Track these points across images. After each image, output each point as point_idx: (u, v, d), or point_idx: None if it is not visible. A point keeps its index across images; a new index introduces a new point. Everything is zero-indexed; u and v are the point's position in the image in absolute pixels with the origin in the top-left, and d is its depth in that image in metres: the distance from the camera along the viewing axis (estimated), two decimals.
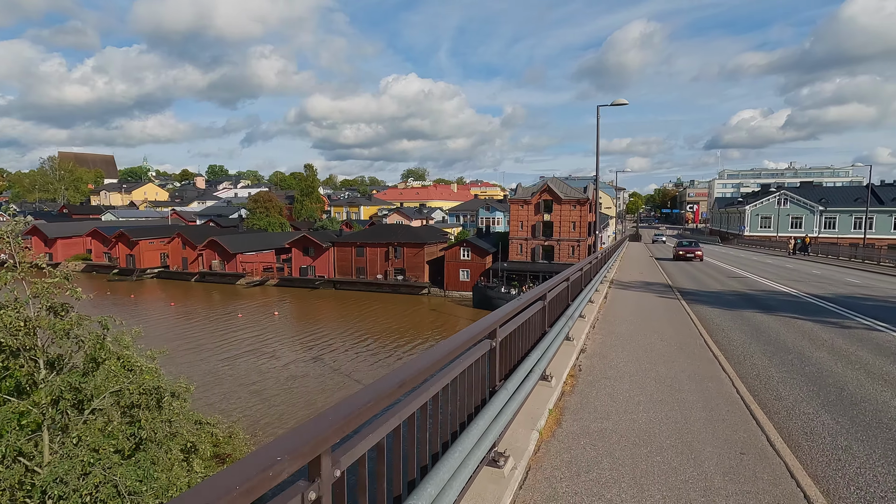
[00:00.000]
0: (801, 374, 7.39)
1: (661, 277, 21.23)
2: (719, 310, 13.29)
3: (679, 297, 14.64)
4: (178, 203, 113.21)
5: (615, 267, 24.89)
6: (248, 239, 71.04)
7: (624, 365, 7.35)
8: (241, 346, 38.39)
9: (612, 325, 10.53)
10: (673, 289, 17.20)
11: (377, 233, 65.28)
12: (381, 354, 36.55)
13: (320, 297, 60.88)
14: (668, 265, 29.92)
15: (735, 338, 9.96)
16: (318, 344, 39.52)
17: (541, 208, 59.13)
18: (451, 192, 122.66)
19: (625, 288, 17.03)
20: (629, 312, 12.22)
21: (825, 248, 42.15)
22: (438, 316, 51.07)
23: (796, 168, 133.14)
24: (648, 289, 16.89)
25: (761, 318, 12.08)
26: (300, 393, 28.29)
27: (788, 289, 18.18)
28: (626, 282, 18.99)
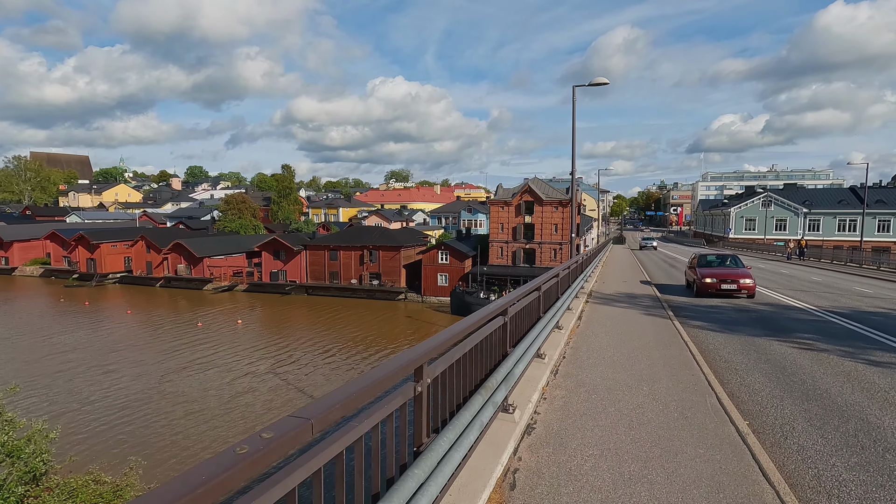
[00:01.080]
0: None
1: (647, 287, 18.30)
2: (724, 336, 10.33)
3: (671, 318, 11.64)
4: (150, 205, 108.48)
5: (596, 274, 22.01)
6: (217, 242, 67.14)
7: (593, 470, 4.25)
8: (190, 358, 34.78)
9: (583, 368, 7.47)
10: (661, 302, 14.24)
11: (351, 235, 61.90)
12: (342, 368, 33.21)
13: (291, 303, 57.32)
14: (651, 267, 27.17)
15: (758, 386, 6.96)
16: (278, 355, 36.12)
17: (522, 210, 56.31)
18: (434, 195, 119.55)
19: (605, 302, 14.05)
20: (607, 343, 9.19)
21: (816, 252, 39.74)
22: (412, 324, 47.85)
23: (778, 171, 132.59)
24: (633, 303, 13.90)
25: (782, 349, 9.13)
26: (238, 416, 24.83)
27: (796, 301, 15.37)
28: (607, 294, 16.01)
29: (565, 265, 11.14)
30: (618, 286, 18.68)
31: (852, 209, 75.58)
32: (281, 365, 33.94)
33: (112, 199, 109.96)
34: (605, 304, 13.60)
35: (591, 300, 14.32)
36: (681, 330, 10.36)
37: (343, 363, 34.41)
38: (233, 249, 66.00)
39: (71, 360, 33.62)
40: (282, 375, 31.64)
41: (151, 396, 27.55)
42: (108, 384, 29.35)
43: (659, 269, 27.87)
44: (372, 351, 37.43)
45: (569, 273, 11.58)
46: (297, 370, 32.85)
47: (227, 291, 62.61)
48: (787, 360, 8.27)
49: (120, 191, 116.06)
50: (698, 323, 11.36)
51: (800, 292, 17.77)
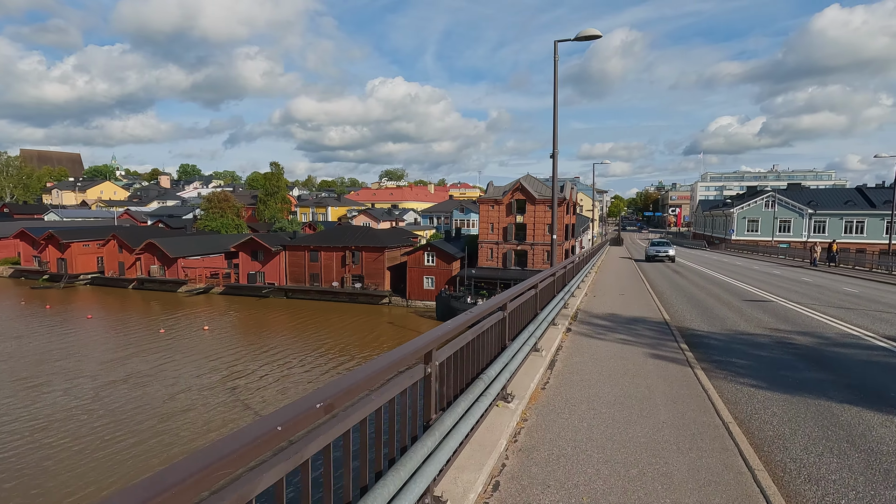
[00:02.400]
0: None
1: (650, 304, 14.36)
2: (779, 396, 6.41)
3: (690, 363, 7.67)
4: (136, 203, 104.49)
5: (588, 283, 18.10)
6: (193, 241, 63.17)
7: None
8: (137, 369, 30.83)
9: (545, 489, 3.58)
10: (671, 330, 10.30)
11: (333, 235, 57.94)
12: (301, 382, 29.18)
13: (268, 307, 53.35)
14: (653, 274, 23.26)
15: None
16: (236, 366, 32.22)
17: (513, 209, 52.39)
18: (427, 194, 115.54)
19: (594, 332, 10.07)
20: (592, 417, 5.29)
21: (843, 257, 35.32)
22: (393, 331, 43.87)
23: (779, 171, 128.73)
24: (632, 334, 9.90)
25: (887, 436, 5.21)
26: (162, 443, 20.84)
27: (850, 327, 11.45)
28: (598, 316, 12.05)
29: (532, 281, 7.29)
30: (610, 298, 14.77)
31: (859, 210, 71.77)
32: (236, 377, 30.03)
33: (96, 198, 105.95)
34: (592, 336, 9.65)
35: (574, 328, 10.37)
36: (706, 387, 6.43)
37: (303, 376, 30.43)
38: (211, 249, 62.03)
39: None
40: (232, 390, 27.72)
41: (74, 415, 23.61)
42: (31, 400, 25.44)
43: (673, 286, 18.81)
44: (339, 361, 33.45)
45: (538, 294, 7.72)
46: (251, 383, 28.91)
47: (202, 294, 58.67)
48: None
49: (105, 188, 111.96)
50: (732, 377, 7.39)
51: (844, 310, 13.86)
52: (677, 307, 13.93)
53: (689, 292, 17.20)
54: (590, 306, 13.27)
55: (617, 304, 13.69)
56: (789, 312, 13.38)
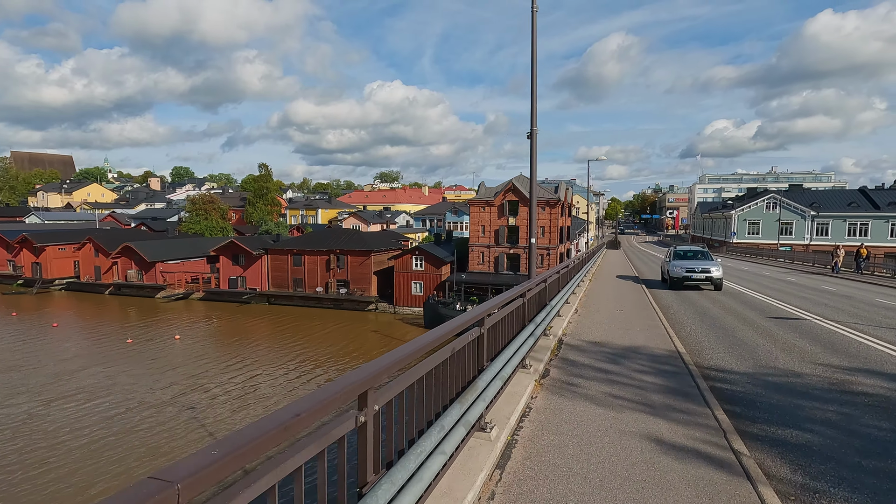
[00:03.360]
0: None
1: (655, 324, 11.48)
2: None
3: (743, 464, 4.72)
4: (123, 205, 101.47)
5: (580, 294, 15.26)
6: (174, 245, 60.19)
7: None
8: (85, 383, 27.84)
9: None
10: (691, 373, 7.39)
11: (318, 238, 55.03)
12: (263, 399, 26.16)
13: (249, 313, 50.37)
14: (657, 287, 20.45)
15: None
16: (199, 379, 29.35)
17: (505, 210, 49.56)
18: (421, 196, 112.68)
19: (581, 379, 7.11)
20: None
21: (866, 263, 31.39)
22: (377, 340, 40.90)
23: (777, 173, 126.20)
24: (636, 384, 6.90)
25: None
26: (88, 474, 17.86)
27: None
28: (589, 347, 9.13)
29: (475, 313, 4.46)
30: (604, 317, 11.90)
31: (863, 212, 69.09)
32: (194, 391, 27.15)
33: (82, 200, 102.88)
34: (573, 394, 6.74)
35: (554, 373, 7.45)
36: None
37: (267, 391, 27.44)
38: (192, 253, 59.04)
39: None
40: (185, 407, 24.79)
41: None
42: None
43: (681, 299, 15.43)
44: (314, 375, 30.45)
45: (483, 338, 4.87)
46: (207, 400, 25.95)
47: (181, 300, 55.66)
48: None
49: (93, 191, 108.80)
50: (812, 483, 4.50)
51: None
52: (690, 329, 11.07)
53: (700, 307, 14.34)
54: (579, 329, 10.37)
55: (615, 326, 10.80)
56: (833, 336, 10.51)
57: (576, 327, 10.57)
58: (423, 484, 2.92)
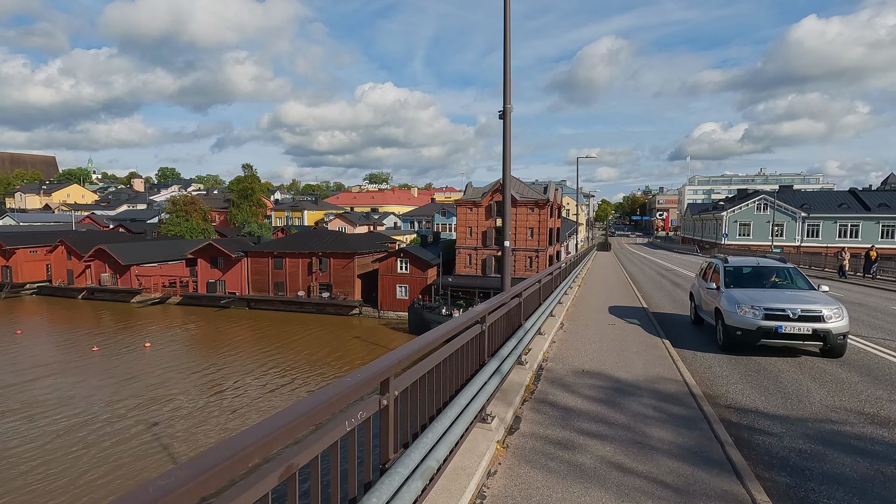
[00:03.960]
0: None
1: (656, 344, 9.73)
2: None
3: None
4: (104, 207, 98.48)
5: (567, 303, 13.50)
6: (151, 247, 57.78)
7: None
8: (36, 396, 25.63)
9: None
10: (710, 425, 5.56)
11: (300, 240, 52.94)
12: (226, 411, 24.12)
13: (228, 319, 48.17)
14: (649, 289, 18.74)
15: None
16: (160, 390, 27.28)
17: (493, 211, 47.84)
18: (410, 198, 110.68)
19: (562, 441, 5.26)
20: None
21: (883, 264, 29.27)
22: (359, 347, 38.92)
23: (767, 174, 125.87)
24: (639, 451, 5.04)
25: None
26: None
27: None
28: (576, 382, 7.30)
29: (446, 330, 2.86)
30: (598, 349, 10.13)
31: (854, 213, 68.33)
32: (153, 405, 25.07)
33: (63, 201, 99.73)
34: (557, 470, 4.92)
35: (525, 425, 5.63)
36: None
37: (232, 402, 25.41)
38: (171, 256, 56.69)
39: None
40: (141, 423, 22.73)
41: None
42: None
43: (681, 308, 13.09)
44: (293, 387, 28.41)
45: (458, 353, 3.19)
46: (166, 415, 23.88)
47: (158, 304, 53.35)
48: None
49: (73, 192, 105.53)
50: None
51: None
52: (691, 345, 9.35)
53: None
54: (563, 354, 8.56)
55: (606, 349, 9.02)
56: (865, 357, 8.82)
57: (560, 350, 8.77)
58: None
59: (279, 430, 1.79)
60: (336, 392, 2.20)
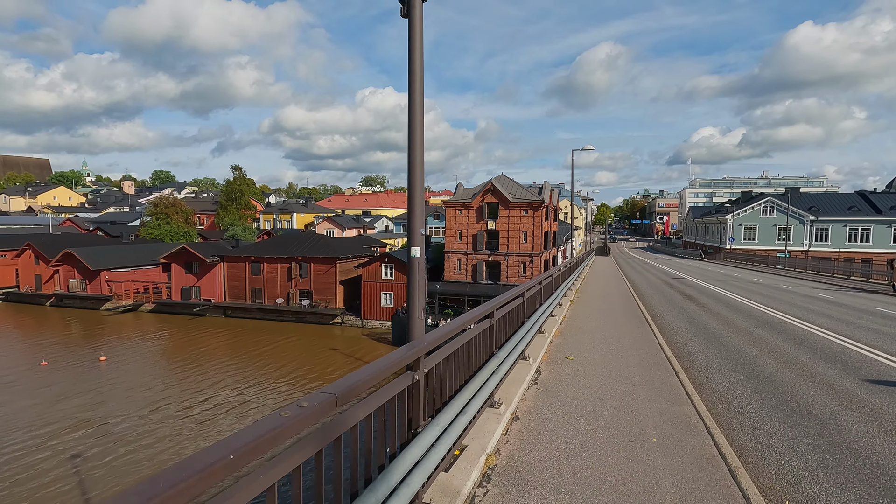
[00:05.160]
0: None
1: (676, 394, 6.09)
2: None
3: None
4: (90, 209, 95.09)
5: (556, 324, 9.91)
6: (124, 252, 54.27)
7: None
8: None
9: None
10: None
11: (278, 244, 49.37)
12: (167, 438, 20.44)
13: (202, 327, 44.55)
14: (658, 304, 15.19)
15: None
16: (97, 411, 23.67)
17: (484, 213, 44.26)
18: (404, 200, 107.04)
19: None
20: None
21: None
22: (334, 360, 35.22)
23: (769, 177, 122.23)
24: None
25: None
26: None
27: None
28: (559, 473, 3.70)
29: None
30: (595, 402, 6.53)
31: (864, 216, 64.59)
32: (78, 429, 21.48)
33: (48, 203, 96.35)
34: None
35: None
36: None
37: (179, 424, 21.76)
38: (144, 260, 53.17)
39: None
40: (55, 456, 19.08)
41: None
42: None
43: (699, 332, 11.12)
44: (238, 414, 24.69)
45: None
46: (91, 445, 20.20)
47: (130, 312, 49.73)
48: None
49: (59, 194, 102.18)
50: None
51: None
52: (738, 404, 5.83)
53: (736, 350, 9.15)
54: (543, 409, 4.98)
55: (606, 399, 5.41)
56: None
57: (541, 400, 5.15)
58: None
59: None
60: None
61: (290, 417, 1.84)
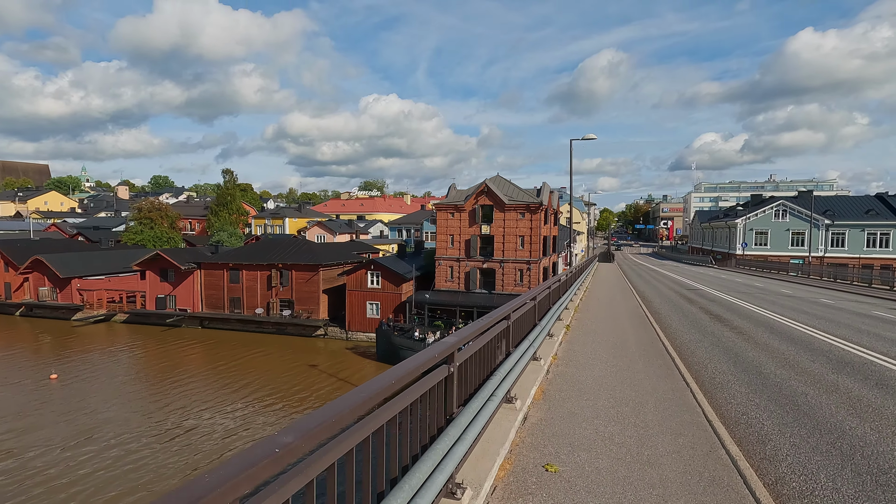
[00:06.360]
0: None
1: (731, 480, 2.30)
2: None
3: None
4: (80, 214, 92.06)
5: (532, 392, 6.21)
6: (98, 258, 50.83)
7: None
8: None
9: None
10: None
11: (258, 250, 45.72)
12: (79, 482, 16.69)
13: (176, 340, 40.88)
14: (675, 323, 11.45)
15: None
16: (20, 440, 19.93)
17: (477, 217, 40.48)
18: (402, 205, 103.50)
19: None
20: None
21: None
22: (308, 378, 31.41)
23: (777, 181, 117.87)
24: None
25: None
26: None
27: None
28: None
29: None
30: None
31: (883, 220, 60.35)
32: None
33: (39, 208, 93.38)
34: None
35: None
36: None
37: (99, 458, 17.99)
38: (118, 267, 49.69)
39: None
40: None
41: None
42: None
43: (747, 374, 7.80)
44: (174, 450, 20.88)
45: None
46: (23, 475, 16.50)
47: (102, 322, 46.20)
48: None
49: (51, 199, 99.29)
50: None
51: None
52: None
53: (810, 412, 5.46)
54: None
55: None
56: None
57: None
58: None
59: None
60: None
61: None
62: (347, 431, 2.24)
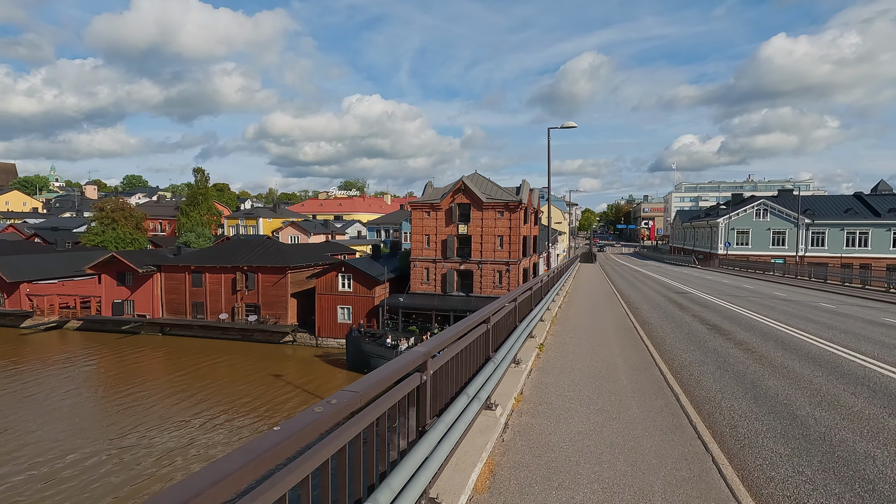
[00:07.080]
0: None
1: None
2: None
3: None
4: (45, 215, 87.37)
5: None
6: (52, 261, 47.30)
7: None
8: None
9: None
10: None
11: (224, 252, 42.82)
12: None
13: (132, 348, 37.85)
14: (669, 338, 9.50)
15: None
16: None
17: (454, 216, 38.29)
18: (382, 205, 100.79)
19: None
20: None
21: None
22: (269, 392, 28.82)
23: (755, 181, 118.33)
24: None
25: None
26: None
27: None
28: None
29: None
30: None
31: (862, 219, 60.03)
32: None
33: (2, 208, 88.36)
34: None
35: None
36: None
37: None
38: (70, 271, 46.26)
39: None
40: None
41: None
42: None
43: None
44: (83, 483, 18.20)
45: None
46: None
47: (54, 329, 42.81)
48: None
49: (12, 199, 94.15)
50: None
51: None
52: None
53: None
54: None
55: None
56: None
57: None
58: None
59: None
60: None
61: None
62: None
